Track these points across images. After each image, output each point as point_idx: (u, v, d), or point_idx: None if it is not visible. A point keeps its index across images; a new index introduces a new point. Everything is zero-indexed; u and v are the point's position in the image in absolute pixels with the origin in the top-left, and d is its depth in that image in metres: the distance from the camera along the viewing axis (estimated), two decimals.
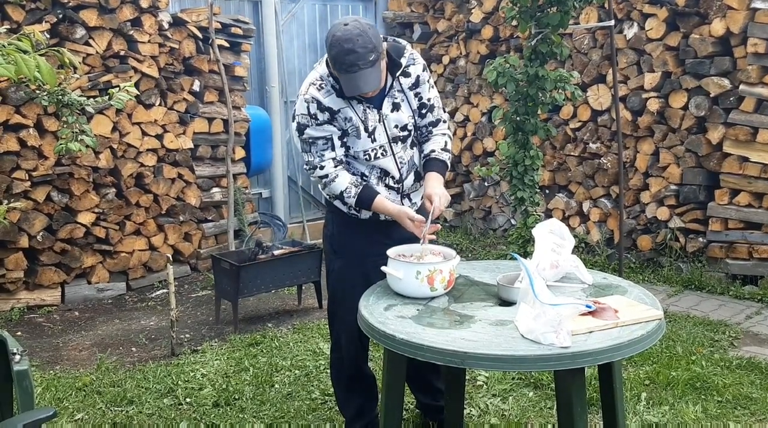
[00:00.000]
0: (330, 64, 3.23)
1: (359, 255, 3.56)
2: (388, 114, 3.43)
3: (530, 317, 2.70)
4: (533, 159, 5.65)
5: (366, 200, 3.40)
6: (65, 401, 4.52)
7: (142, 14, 6.50)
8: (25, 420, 2.40)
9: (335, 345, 3.84)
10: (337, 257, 3.66)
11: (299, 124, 3.38)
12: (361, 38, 3.12)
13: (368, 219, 3.55)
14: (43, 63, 3.06)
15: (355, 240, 3.59)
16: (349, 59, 3.10)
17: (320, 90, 3.33)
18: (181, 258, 7.05)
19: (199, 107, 7.03)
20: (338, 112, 3.35)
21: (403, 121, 3.47)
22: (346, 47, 3.10)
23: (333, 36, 3.15)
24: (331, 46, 3.14)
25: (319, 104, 3.32)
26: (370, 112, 3.39)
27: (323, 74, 3.36)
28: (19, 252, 6.09)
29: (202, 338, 5.60)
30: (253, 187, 7.89)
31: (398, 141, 3.49)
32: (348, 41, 3.10)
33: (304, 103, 3.34)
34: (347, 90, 3.21)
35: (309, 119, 3.34)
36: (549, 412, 4.31)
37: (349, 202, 3.42)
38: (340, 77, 3.19)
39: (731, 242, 6.37)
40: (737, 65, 6.30)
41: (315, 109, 3.32)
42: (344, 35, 3.12)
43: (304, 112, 3.34)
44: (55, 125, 5.97)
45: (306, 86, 3.38)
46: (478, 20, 7.99)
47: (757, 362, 4.94)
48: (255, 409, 4.39)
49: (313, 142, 3.37)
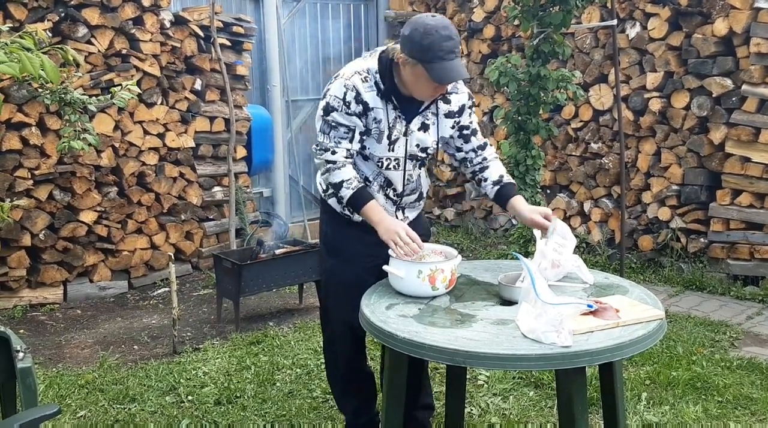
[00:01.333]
0: (418, 54, 3.08)
1: (351, 255, 3.53)
2: (415, 131, 3.37)
3: (532, 316, 2.71)
4: (535, 158, 5.66)
5: (360, 199, 3.32)
6: (68, 398, 4.53)
7: (143, 13, 6.50)
8: (29, 417, 2.41)
9: (328, 344, 3.83)
10: (330, 256, 3.64)
11: (328, 105, 3.28)
12: (453, 28, 3.10)
13: (360, 221, 3.49)
14: (47, 61, 3.07)
15: (346, 240, 3.56)
16: (447, 45, 3.04)
17: (364, 82, 3.26)
18: (182, 256, 7.05)
19: (201, 106, 7.04)
20: (372, 109, 3.28)
21: (427, 143, 3.41)
22: (444, 34, 3.04)
23: (425, 25, 3.06)
24: (425, 34, 3.04)
25: (358, 95, 3.25)
26: (399, 122, 3.34)
27: (371, 68, 3.29)
28: (21, 250, 6.10)
29: (203, 336, 5.61)
30: (254, 186, 7.89)
31: (414, 159, 3.45)
32: (444, 28, 3.05)
33: (342, 87, 3.26)
34: (441, 77, 3.09)
35: (341, 104, 3.26)
36: (550, 412, 4.32)
37: (343, 194, 3.32)
38: (432, 66, 3.06)
39: (732, 242, 6.38)
40: (740, 65, 6.30)
41: (351, 98, 3.25)
42: (438, 23, 3.06)
43: (338, 96, 3.26)
44: (58, 124, 5.97)
45: (350, 71, 3.29)
46: (480, 19, 7.99)
47: (757, 362, 4.95)
48: (256, 407, 4.40)
49: (335, 127, 3.30)
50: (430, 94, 3.26)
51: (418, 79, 3.16)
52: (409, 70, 3.16)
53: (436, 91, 3.24)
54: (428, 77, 3.10)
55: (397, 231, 3.21)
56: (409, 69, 3.16)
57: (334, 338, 3.73)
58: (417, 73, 3.13)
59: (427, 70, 3.08)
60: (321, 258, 3.80)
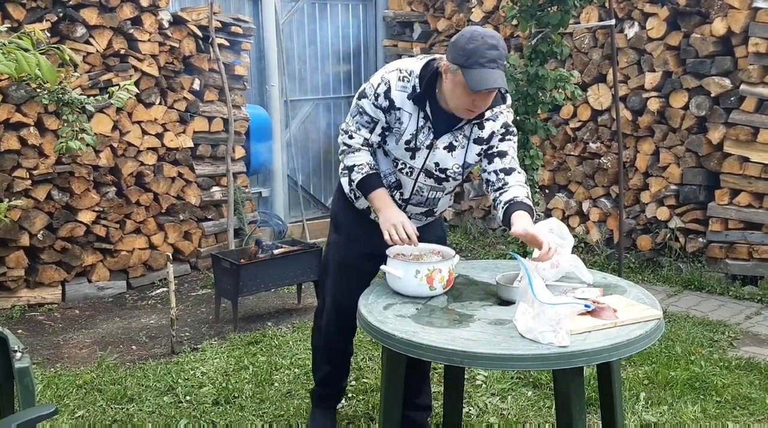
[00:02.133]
0: (460, 59, 3.01)
1: (349, 236, 3.67)
2: (440, 148, 3.30)
3: (529, 316, 2.71)
4: (533, 158, 5.65)
5: (369, 185, 3.36)
6: (66, 398, 4.52)
7: (142, 13, 6.50)
8: (26, 417, 2.41)
9: (319, 312, 4.00)
10: (335, 232, 3.77)
11: (363, 91, 3.35)
12: (502, 41, 3.08)
13: (362, 210, 3.60)
14: (44, 61, 3.07)
15: (348, 221, 3.68)
16: (491, 54, 2.98)
17: (400, 81, 3.24)
18: (181, 256, 7.05)
19: (199, 106, 7.03)
20: (398, 110, 3.25)
21: (447, 164, 3.33)
22: (490, 42, 3.00)
23: (473, 31, 3.05)
24: (470, 40, 3.00)
25: (388, 91, 3.25)
26: (426, 134, 3.27)
27: (414, 71, 3.24)
28: (19, 250, 6.10)
29: (202, 336, 5.61)
30: (252, 186, 7.89)
31: (429, 176, 3.38)
32: (492, 38, 3.02)
33: (380, 79, 3.29)
34: (477, 83, 2.98)
35: (373, 94, 3.29)
36: (548, 412, 4.32)
37: (354, 177, 3.38)
38: (471, 72, 2.98)
39: (731, 242, 6.38)
40: (738, 65, 6.30)
41: (381, 91, 3.26)
42: (486, 32, 3.05)
43: (374, 85, 3.30)
44: (56, 124, 5.97)
45: (393, 68, 3.31)
46: (479, 19, 7.99)
47: (756, 362, 4.95)
48: (255, 407, 4.40)
49: (361, 113, 3.35)
50: (465, 108, 3.12)
51: (456, 87, 3.07)
52: (450, 77, 3.08)
53: (473, 104, 3.11)
54: (464, 84, 3.01)
55: (394, 223, 3.25)
56: (449, 76, 3.09)
57: (324, 309, 3.91)
58: (456, 80, 3.05)
59: (464, 75, 3.00)
60: (329, 232, 3.90)
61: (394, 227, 3.23)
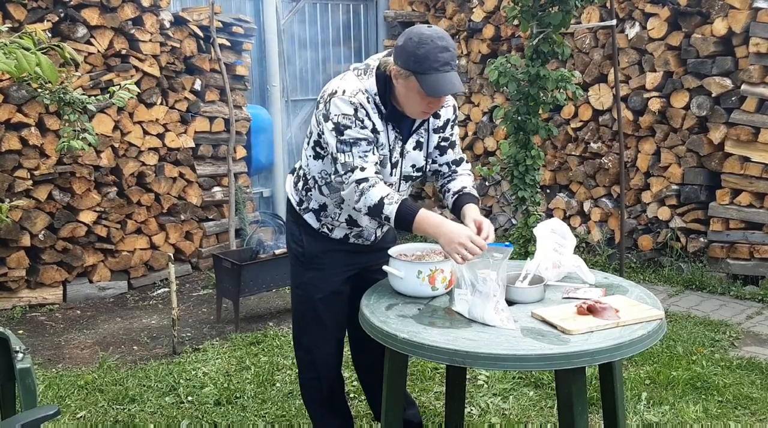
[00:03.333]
0: (413, 65, 2.89)
1: (332, 267, 3.39)
2: (410, 151, 3.21)
3: (464, 298, 2.89)
4: (534, 158, 5.65)
5: (408, 212, 2.98)
6: (67, 399, 4.53)
7: (143, 13, 6.50)
8: (31, 417, 2.41)
9: (307, 365, 3.60)
10: (308, 270, 3.42)
11: (339, 125, 3.00)
12: (450, 40, 2.93)
13: (340, 239, 3.37)
14: (44, 59, 3.07)
15: (327, 252, 3.38)
16: (444, 57, 2.86)
17: (368, 103, 3.03)
18: (182, 257, 7.05)
19: (201, 106, 7.04)
20: (379, 133, 3.08)
21: (420, 162, 3.25)
22: (441, 44, 2.87)
23: (420, 34, 2.88)
24: (420, 44, 2.86)
25: (367, 115, 3.02)
26: (397, 144, 3.16)
27: (370, 89, 3.06)
28: (21, 250, 6.10)
29: (203, 337, 5.61)
30: (254, 186, 7.89)
31: (409, 180, 3.29)
32: (441, 39, 2.88)
33: (349, 105, 3.00)
34: (435, 90, 2.89)
35: (354, 121, 3.00)
36: (549, 412, 4.32)
37: (388, 212, 2.97)
38: (426, 77, 2.87)
39: (732, 242, 6.38)
40: (739, 65, 6.30)
41: (363, 116, 3.01)
42: (434, 33, 2.89)
43: (348, 113, 3.00)
44: (57, 124, 5.97)
45: (353, 90, 3.03)
46: (480, 19, 7.99)
47: (757, 362, 4.95)
48: (256, 408, 4.40)
49: (355, 143, 3.00)
50: (421, 111, 3.06)
51: (410, 92, 2.97)
52: (402, 82, 2.97)
53: (428, 106, 3.04)
54: (420, 90, 2.92)
55: (461, 241, 2.89)
56: (401, 81, 2.97)
57: (319, 357, 3.55)
58: (409, 85, 2.95)
59: (419, 81, 2.89)
60: (293, 271, 3.55)
61: (462, 246, 2.88)
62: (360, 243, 3.41)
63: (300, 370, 3.67)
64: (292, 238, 3.49)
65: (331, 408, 3.68)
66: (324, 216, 3.33)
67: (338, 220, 3.32)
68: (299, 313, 3.56)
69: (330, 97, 3.07)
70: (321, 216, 3.34)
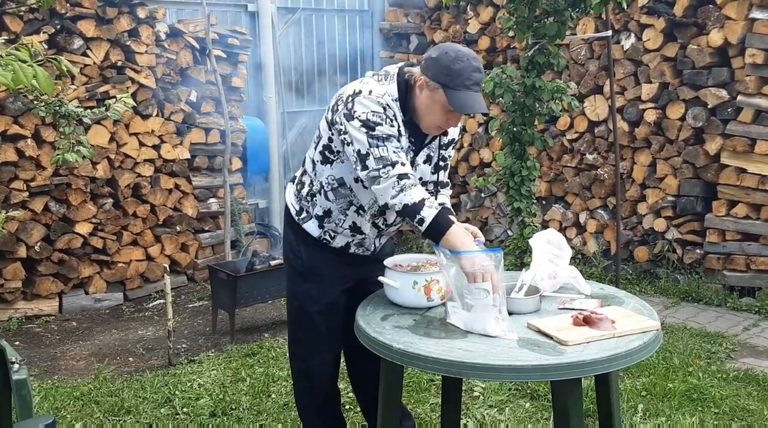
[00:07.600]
0: (444, 78, 2.93)
1: (331, 278, 3.38)
2: (420, 164, 3.23)
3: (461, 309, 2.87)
4: (530, 169, 5.65)
5: (444, 222, 2.94)
6: (63, 410, 4.51)
7: (139, 25, 6.52)
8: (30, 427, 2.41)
9: (302, 374, 3.58)
10: (306, 281, 3.41)
11: (369, 121, 2.96)
12: (480, 63, 3.02)
13: (340, 248, 3.37)
14: (40, 71, 3.06)
15: (326, 263, 3.37)
16: (475, 77, 2.94)
17: (395, 102, 3.05)
18: (178, 268, 7.04)
19: (196, 118, 7.04)
20: (401, 136, 3.06)
21: (427, 175, 3.28)
22: (475, 65, 2.95)
23: (458, 51, 2.96)
24: (456, 60, 2.92)
25: (395, 116, 3.02)
26: (409, 155, 3.14)
27: (392, 94, 3.05)
28: (17, 262, 6.09)
29: (199, 348, 5.60)
30: (249, 198, 7.89)
31: None
32: (475, 59, 2.97)
33: (377, 104, 2.98)
34: (462, 106, 2.95)
35: (384, 118, 2.98)
36: (545, 423, 4.31)
37: (425, 215, 2.92)
38: (455, 93, 2.92)
39: (728, 253, 6.38)
40: (735, 76, 6.32)
41: (392, 115, 3.01)
42: (470, 53, 2.97)
43: (377, 111, 2.97)
44: (53, 136, 5.97)
45: (379, 91, 3.02)
46: (475, 31, 8.01)
47: (754, 374, 4.94)
48: (252, 419, 4.39)
49: (388, 139, 2.97)
50: (437, 125, 3.07)
51: (434, 104, 2.99)
52: (427, 94, 2.99)
53: (447, 122, 3.06)
54: (445, 104, 2.95)
55: (486, 269, 2.82)
56: (427, 93, 2.99)
57: (314, 366, 3.52)
58: (435, 97, 2.97)
59: (447, 95, 2.93)
60: (289, 282, 3.54)
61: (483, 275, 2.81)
62: (359, 254, 3.40)
63: (294, 379, 3.66)
64: (290, 249, 3.47)
65: (325, 419, 3.66)
66: (327, 223, 3.32)
67: (342, 227, 3.31)
68: (294, 323, 3.55)
69: (352, 97, 3.04)
70: (324, 223, 3.32)
